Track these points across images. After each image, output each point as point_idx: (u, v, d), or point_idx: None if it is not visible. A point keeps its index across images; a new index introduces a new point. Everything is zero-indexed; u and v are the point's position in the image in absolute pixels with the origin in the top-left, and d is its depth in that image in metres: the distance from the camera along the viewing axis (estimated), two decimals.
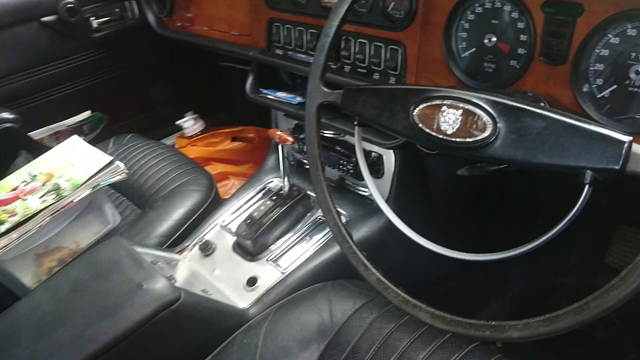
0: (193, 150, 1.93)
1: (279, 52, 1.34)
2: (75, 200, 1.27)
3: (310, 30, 1.23)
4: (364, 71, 1.14)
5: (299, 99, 1.31)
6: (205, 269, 1.23)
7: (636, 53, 0.75)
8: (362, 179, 1.27)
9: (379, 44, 1.09)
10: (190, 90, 2.18)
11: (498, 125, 0.64)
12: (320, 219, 1.27)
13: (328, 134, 1.32)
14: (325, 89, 0.85)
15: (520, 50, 0.88)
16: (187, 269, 1.24)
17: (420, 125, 0.71)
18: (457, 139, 0.68)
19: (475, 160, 0.68)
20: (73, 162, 1.38)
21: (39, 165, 1.34)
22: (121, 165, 1.36)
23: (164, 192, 1.46)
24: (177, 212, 1.38)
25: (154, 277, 0.92)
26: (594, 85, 0.81)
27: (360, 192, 1.31)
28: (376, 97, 0.78)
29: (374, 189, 0.85)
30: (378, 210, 1.24)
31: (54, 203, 1.23)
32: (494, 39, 0.91)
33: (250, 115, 2.11)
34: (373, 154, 1.23)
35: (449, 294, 1.40)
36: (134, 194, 1.51)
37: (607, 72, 0.79)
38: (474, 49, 0.95)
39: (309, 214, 1.29)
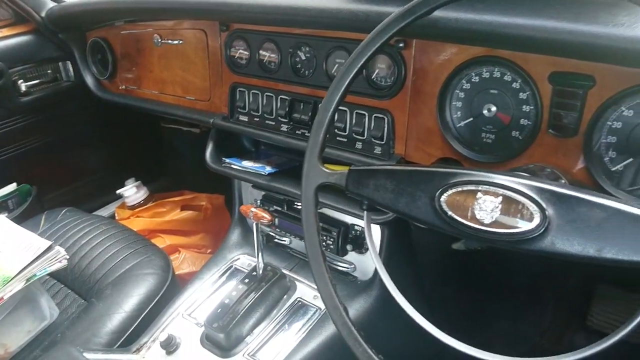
0: (138, 222, 1.74)
1: (244, 118, 1.23)
2: (5, 297, 1.07)
3: (281, 97, 1.15)
4: (344, 140, 1.07)
5: (269, 169, 1.21)
6: None
7: None
8: (344, 254, 1.18)
9: (362, 112, 1.02)
10: (130, 155, 2.00)
11: (547, 214, 0.57)
12: (299, 301, 1.14)
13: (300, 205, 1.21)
14: (325, 169, 0.76)
15: (523, 121, 0.84)
16: None
17: (450, 213, 0.63)
18: (498, 230, 0.60)
19: (517, 253, 0.61)
20: (1, 249, 1.18)
21: None
22: (61, 250, 1.17)
23: (111, 277, 1.27)
24: (130, 302, 1.20)
25: None
26: (607, 158, 0.77)
27: (340, 268, 1.20)
28: (391, 179, 0.69)
29: (389, 282, 0.75)
30: (364, 289, 1.15)
31: None
32: (494, 109, 0.86)
33: (196, 179, 1.96)
34: (356, 227, 1.14)
35: None
36: (75, 281, 1.31)
37: (621, 144, 0.76)
38: (470, 119, 0.90)
39: (285, 297, 1.16)
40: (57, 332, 1.17)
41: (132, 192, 1.87)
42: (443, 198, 0.64)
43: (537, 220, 0.58)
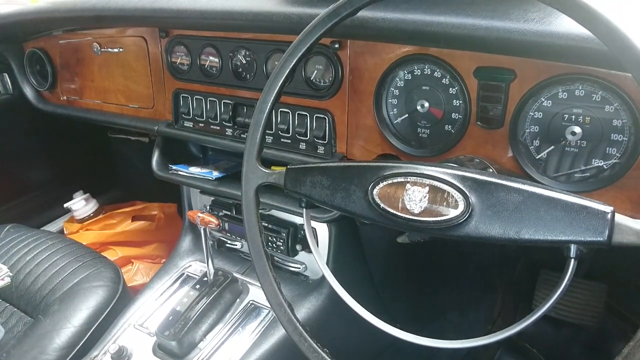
0: (87, 236, 1.70)
1: (189, 124, 1.23)
2: None
3: (225, 101, 1.15)
4: (288, 141, 1.08)
5: (216, 174, 1.21)
6: None
7: (569, 115, 0.77)
8: (294, 254, 1.20)
9: (304, 113, 1.04)
10: (77, 167, 1.95)
11: (470, 201, 0.60)
12: (252, 304, 1.15)
13: None
14: (264, 169, 0.77)
15: (455, 115, 0.88)
16: None
17: (382, 205, 0.65)
18: (427, 218, 0.63)
19: (447, 239, 0.63)
20: None
21: None
22: (4, 268, 1.15)
23: (59, 292, 1.24)
24: (79, 316, 1.17)
25: None
26: (532, 147, 0.82)
27: (292, 269, 1.21)
28: (327, 176, 0.71)
29: (333, 279, 0.76)
30: (315, 288, 1.16)
31: None
32: (427, 104, 0.90)
33: (148, 189, 1.93)
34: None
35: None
36: (20, 298, 1.27)
37: (543, 133, 0.80)
38: (406, 115, 0.93)
39: (238, 300, 1.16)
40: (2, 351, 1.13)
41: (80, 205, 1.82)
42: (375, 191, 0.66)
43: (461, 207, 0.61)
